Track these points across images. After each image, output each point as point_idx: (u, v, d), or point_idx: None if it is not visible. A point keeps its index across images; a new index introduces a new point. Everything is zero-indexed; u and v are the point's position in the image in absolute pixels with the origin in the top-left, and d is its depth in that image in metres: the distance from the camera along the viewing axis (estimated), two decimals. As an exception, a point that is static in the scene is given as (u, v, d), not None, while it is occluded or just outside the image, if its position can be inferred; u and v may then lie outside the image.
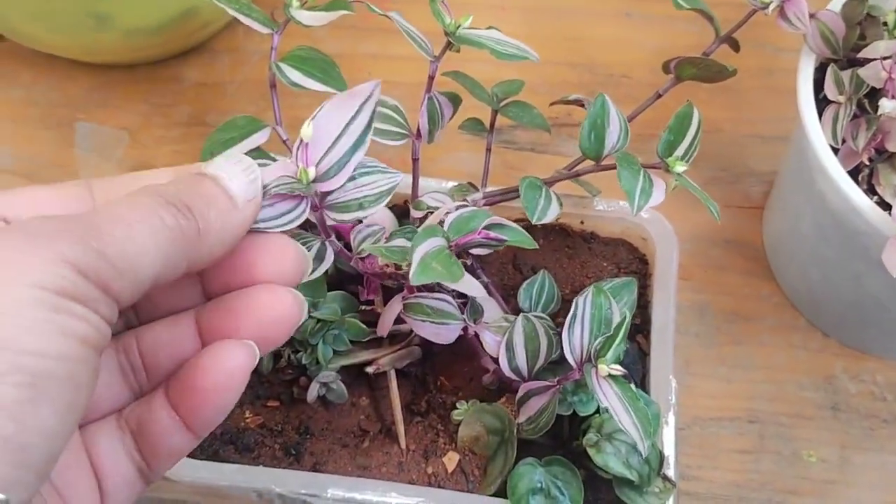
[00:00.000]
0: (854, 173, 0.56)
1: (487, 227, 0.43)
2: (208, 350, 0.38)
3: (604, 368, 0.45)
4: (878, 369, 0.65)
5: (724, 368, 0.65)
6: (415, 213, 0.53)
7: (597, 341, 0.46)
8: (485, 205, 0.55)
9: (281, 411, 0.55)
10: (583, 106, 0.56)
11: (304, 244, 0.44)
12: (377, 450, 0.53)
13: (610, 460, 0.48)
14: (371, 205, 0.41)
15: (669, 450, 0.52)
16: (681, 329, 0.66)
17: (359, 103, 0.41)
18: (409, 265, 0.40)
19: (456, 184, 0.58)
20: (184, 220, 0.36)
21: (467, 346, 0.52)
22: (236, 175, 0.38)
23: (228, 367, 0.37)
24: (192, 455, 0.51)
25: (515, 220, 0.58)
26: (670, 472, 0.51)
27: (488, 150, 0.58)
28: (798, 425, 0.63)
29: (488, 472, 0.51)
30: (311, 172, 0.40)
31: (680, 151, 0.50)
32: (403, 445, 0.53)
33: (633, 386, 0.46)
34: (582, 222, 0.61)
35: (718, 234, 0.70)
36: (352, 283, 0.55)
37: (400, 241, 0.46)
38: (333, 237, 0.45)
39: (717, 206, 0.49)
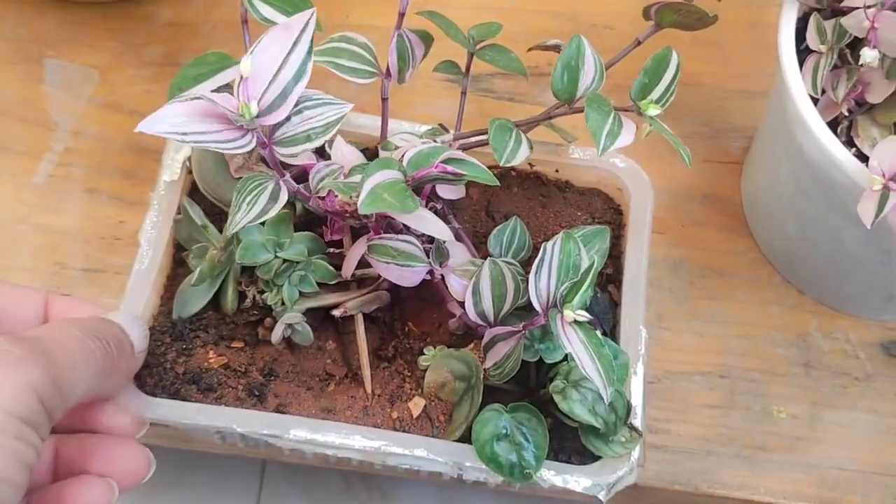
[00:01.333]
0: (833, 125, 0.55)
1: (445, 162, 0.42)
2: (69, 484, 0.43)
3: (569, 314, 0.44)
4: (852, 327, 0.65)
5: (697, 323, 0.64)
6: (383, 154, 0.51)
7: (563, 287, 0.45)
8: (458, 149, 0.54)
9: (245, 352, 0.54)
10: (560, 51, 0.55)
11: (258, 184, 0.43)
12: (342, 394, 0.52)
13: (576, 407, 0.48)
14: (318, 136, 0.41)
15: (637, 400, 0.51)
16: (654, 283, 0.65)
17: (296, 34, 0.41)
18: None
19: (429, 127, 0.56)
20: (107, 352, 0.42)
21: (435, 292, 0.51)
22: (134, 329, 0.46)
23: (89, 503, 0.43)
24: (151, 393, 0.51)
25: (490, 167, 0.58)
26: (637, 421, 0.50)
27: (463, 93, 0.56)
28: (769, 381, 0.63)
29: (454, 417, 0.51)
30: (254, 107, 0.39)
31: (655, 95, 0.49)
32: (369, 390, 0.52)
33: (599, 333, 0.45)
34: (557, 171, 0.60)
35: (696, 189, 0.69)
36: (320, 225, 0.54)
37: (357, 177, 0.45)
38: (288, 176, 0.44)
39: (688, 151, 0.48)
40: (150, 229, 0.55)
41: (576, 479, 0.48)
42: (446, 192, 0.53)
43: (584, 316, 0.44)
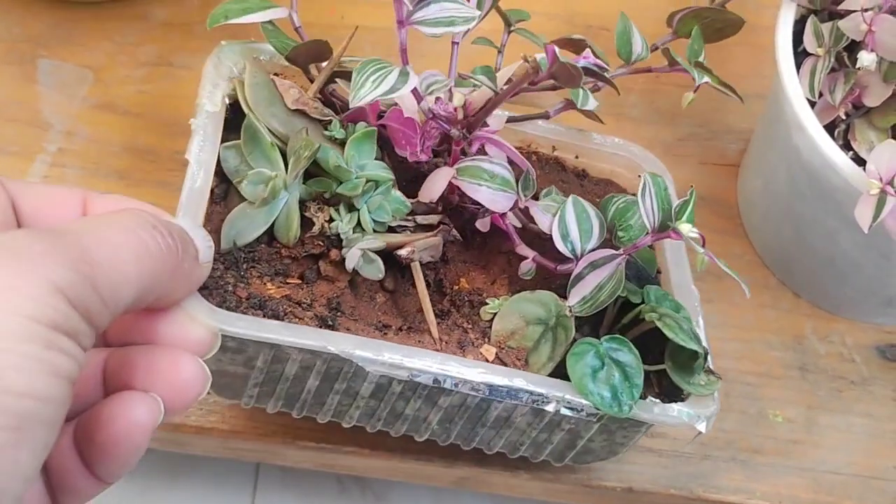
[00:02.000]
0: (830, 129, 0.55)
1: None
2: (111, 400, 0.37)
3: (686, 228, 0.46)
4: (848, 331, 0.64)
5: (693, 326, 0.64)
6: None
7: (676, 205, 0.47)
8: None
9: (304, 289, 0.49)
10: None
11: (381, 67, 0.44)
12: (408, 340, 0.49)
13: (679, 332, 0.48)
14: (461, 24, 0.44)
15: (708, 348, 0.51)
16: (651, 285, 0.65)
17: None
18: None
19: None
20: (169, 245, 0.36)
21: (501, 237, 0.52)
22: (199, 237, 0.40)
23: (129, 423, 0.36)
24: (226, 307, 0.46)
25: (517, 148, 0.57)
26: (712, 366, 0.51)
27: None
28: (765, 385, 0.63)
29: (530, 362, 0.50)
30: None
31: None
32: (436, 335, 0.50)
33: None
34: (577, 157, 0.60)
35: (692, 191, 0.69)
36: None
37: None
38: (410, 66, 0.45)
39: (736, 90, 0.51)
40: (197, 151, 0.50)
41: (677, 410, 0.49)
42: (493, 121, 0.53)
43: (695, 232, 0.46)
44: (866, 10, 0.52)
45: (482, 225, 0.52)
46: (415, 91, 0.46)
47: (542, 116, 0.56)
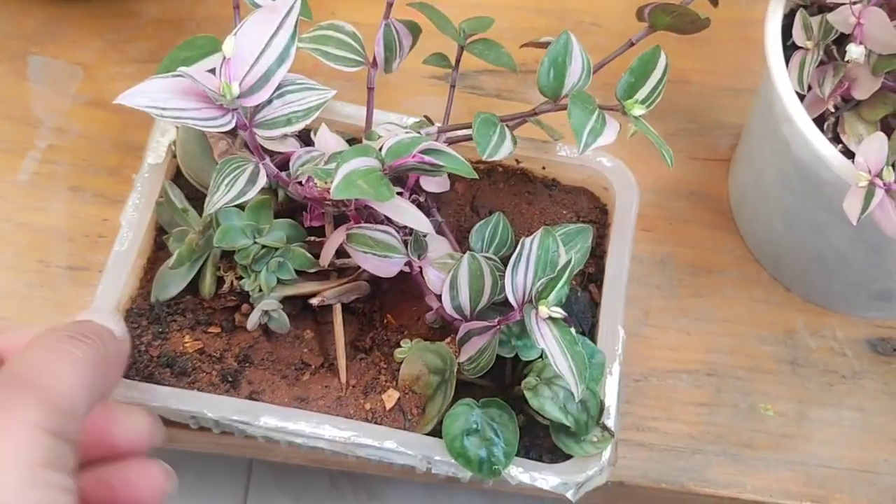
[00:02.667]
0: (820, 122, 0.55)
1: (425, 153, 0.42)
2: None
3: (544, 310, 0.44)
4: (839, 325, 0.64)
5: (684, 320, 0.64)
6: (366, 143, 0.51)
7: (539, 283, 0.45)
8: (444, 142, 0.53)
9: (222, 338, 0.53)
10: None
11: (238, 166, 0.43)
12: (317, 383, 0.52)
13: (546, 404, 0.47)
14: (299, 120, 0.41)
15: (611, 400, 0.51)
16: (641, 280, 0.65)
17: (280, 17, 0.41)
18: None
19: (415, 120, 0.56)
20: (92, 346, 0.39)
21: (415, 285, 0.51)
22: (105, 318, 0.43)
23: None
24: (125, 377, 0.50)
25: (476, 162, 0.58)
26: (610, 422, 0.50)
27: (452, 86, 0.56)
28: (756, 379, 0.63)
29: (427, 411, 0.50)
30: (235, 88, 0.39)
31: (641, 95, 0.48)
32: (343, 380, 0.52)
33: (576, 332, 0.45)
34: (544, 168, 0.60)
35: (683, 187, 0.69)
36: (302, 213, 0.53)
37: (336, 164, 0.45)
38: (268, 160, 0.44)
39: (671, 151, 0.48)
40: (131, 211, 0.55)
41: (544, 478, 0.48)
42: (430, 184, 0.53)
43: (558, 312, 0.44)
44: (854, 3, 0.52)
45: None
46: (279, 177, 0.46)
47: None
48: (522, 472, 0.48)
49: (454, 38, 0.55)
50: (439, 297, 0.49)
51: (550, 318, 0.44)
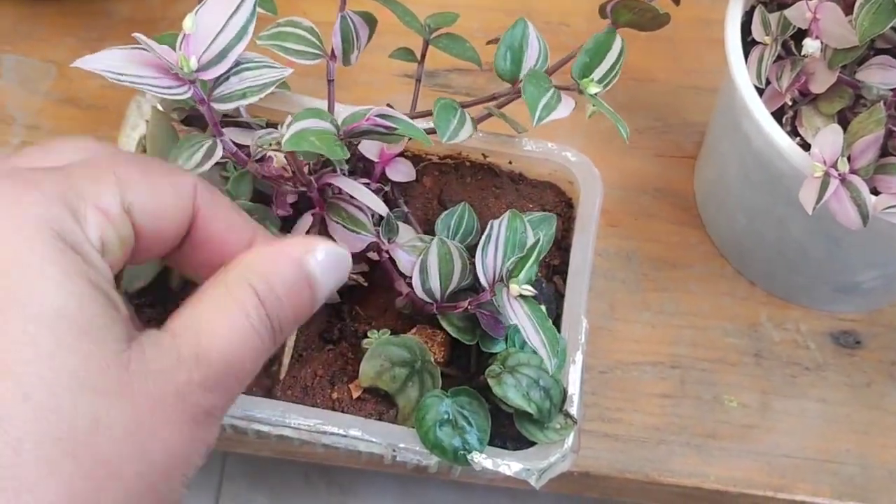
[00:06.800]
0: (778, 116, 0.56)
1: (379, 117, 0.43)
2: None
3: (515, 288, 0.45)
4: (802, 318, 0.65)
5: (649, 314, 0.65)
6: None
7: (510, 262, 0.46)
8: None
9: None
10: None
11: (196, 142, 0.43)
12: (286, 374, 0.52)
13: (509, 392, 0.48)
14: (254, 94, 0.42)
15: (574, 388, 0.51)
16: (607, 275, 0.66)
17: None
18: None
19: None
20: (271, 338, 0.37)
21: (384, 275, 0.52)
22: (333, 277, 0.39)
23: None
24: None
25: (444, 157, 0.58)
26: (573, 409, 0.50)
27: (418, 80, 0.57)
28: (720, 371, 0.64)
29: (401, 404, 0.51)
30: (193, 62, 0.40)
31: (597, 75, 0.49)
32: (282, 377, 0.52)
33: (543, 309, 0.46)
34: (510, 162, 0.60)
35: (649, 183, 0.70)
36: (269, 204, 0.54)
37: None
38: (226, 137, 0.44)
39: (626, 126, 0.48)
40: None
41: (507, 463, 0.49)
42: (396, 174, 0.53)
43: (529, 290, 0.45)
44: (811, -1, 0.53)
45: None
46: (237, 154, 0.46)
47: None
48: (486, 459, 0.49)
49: (419, 32, 0.55)
50: (409, 283, 0.50)
51: (521, 295, 0.45)
